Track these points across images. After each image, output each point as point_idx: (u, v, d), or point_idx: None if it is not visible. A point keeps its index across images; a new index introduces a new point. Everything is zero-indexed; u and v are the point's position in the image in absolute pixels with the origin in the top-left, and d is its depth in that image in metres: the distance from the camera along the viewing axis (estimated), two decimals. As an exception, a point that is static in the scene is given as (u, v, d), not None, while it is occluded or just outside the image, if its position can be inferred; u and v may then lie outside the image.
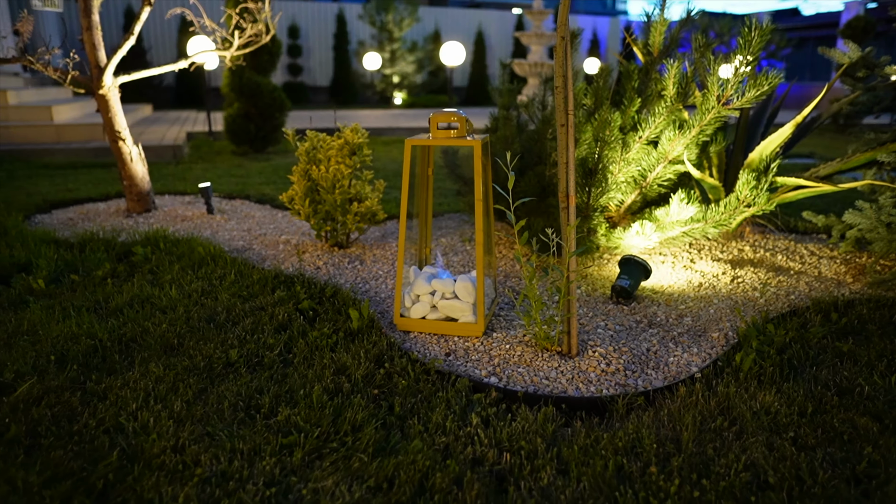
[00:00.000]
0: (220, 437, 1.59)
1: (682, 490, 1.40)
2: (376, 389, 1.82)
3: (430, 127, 2.16)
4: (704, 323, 2.41)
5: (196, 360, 1.99)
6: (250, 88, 6.34)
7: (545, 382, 1.89)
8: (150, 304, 2.41)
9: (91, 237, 3.17)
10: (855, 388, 1.92)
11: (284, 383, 1.85)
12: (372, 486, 1.41)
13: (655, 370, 2.01)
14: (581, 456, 1.50)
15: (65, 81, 3.36)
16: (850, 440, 1.65)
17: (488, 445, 1.55)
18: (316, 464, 1.50)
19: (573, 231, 1.95)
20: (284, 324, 2.25)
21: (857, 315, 2.45)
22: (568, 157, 1.91)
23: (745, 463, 1.51)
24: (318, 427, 1.62)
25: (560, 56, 1.84)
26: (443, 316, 2.23)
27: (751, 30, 2.66)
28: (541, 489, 1.41)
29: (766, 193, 2.84)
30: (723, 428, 1.66)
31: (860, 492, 1.45)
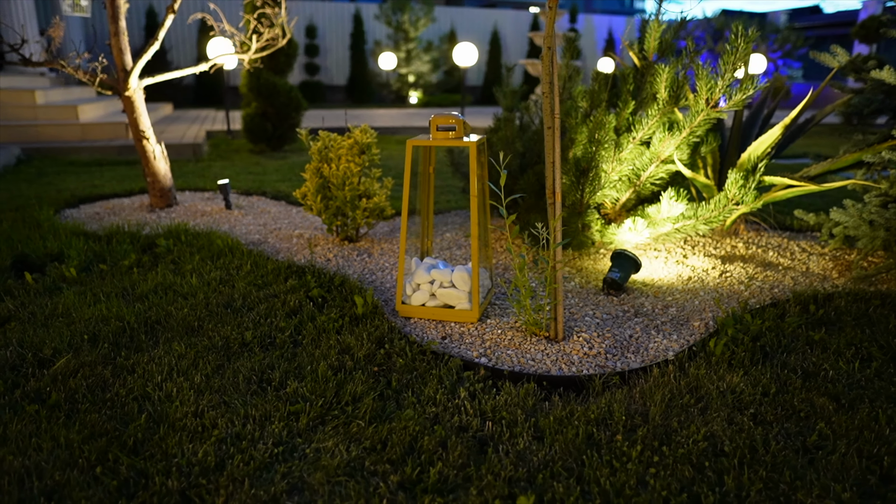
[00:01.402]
0: (235, 405, 1.78)
1: (644, 455, 1.57)
2: (376, 367, 2.01)
3: (431, 129, 2.34)
4: (688, 313, 2.57)
5: (214, 340, 2.19)
6: (267, 88, 6.57)
7: (531, 363, 2.06)
8: (173, 290, 2.62)
9: (117, 230, 3.39)
10: (820, 372, 2.07)
11: (294, 361, 2.05)
12: (367, 447, 1.60)
13: (635, 354, 2.17)
14: (556, 425, 1.68)
15: (93, 84, 3.59)
16: (806, 417, 1.80)
17: (473, 415, 1.73)
18: (319, 428, 1.69)
19: (559, 225, 2.12)
20: (295, 309, 2.45)
21: (834, 307, 2.59)
22: (554, 157, 2.08)
23: (704, 434, 1.67)
24: (322, 398, 1.81)
25: (546, 64, 2.00)
26: (441, 303, 2.40)
27: (737, 37, 2.81)
28: (517, 452, 1.58)
29: (753, 192, 2.98)
30: (689, 404, 1.82)
31: (807, 460, 1.61)
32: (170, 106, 10.78)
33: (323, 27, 14.96)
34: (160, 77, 3.89)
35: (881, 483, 1.54)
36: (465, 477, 1.49)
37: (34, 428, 1.66)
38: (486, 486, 1.44)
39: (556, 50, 2.00)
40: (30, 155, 5.83)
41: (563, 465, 1.53)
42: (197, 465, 1.52)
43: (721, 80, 2.87)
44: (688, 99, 3.00)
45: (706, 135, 3.21)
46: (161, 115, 9.49)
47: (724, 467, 1.55)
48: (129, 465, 1.52)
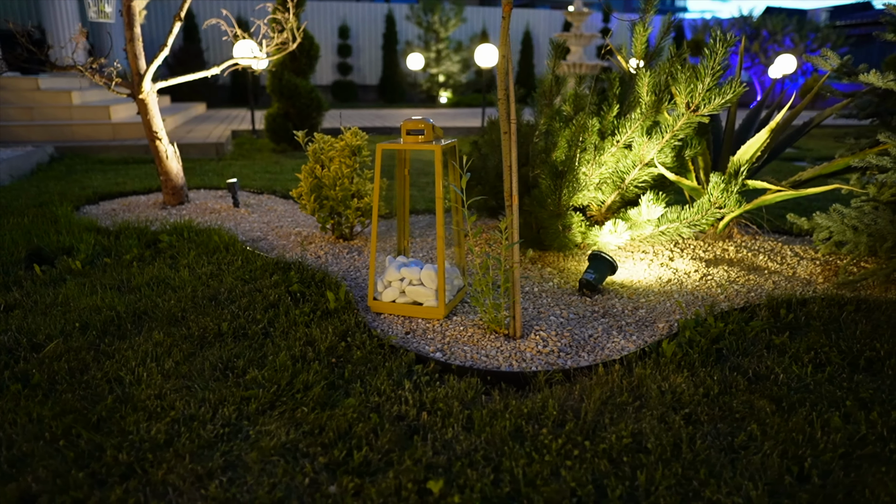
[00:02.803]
0: (196, 389, 1.93)
1: (564, 448, 1.64)
2: (334, 359, 2.12)
3: (402, 133, 2.44)
4: (657, 315, 2.60)
5: (193, 330, 2.34)
6: (289, 89, 6.78)
7: (483, 359, 2.15)
8: (166, 283, 2.80)
9: (127, 226, 3.60)
10: (770, 375, 2.09)
11: (260, 350, 2.18)
12: (306, 431, 1.72)
13: (590, 353, 2.23)
14: (487, 417, 1.76)
15: (110, 87, 3.81)
16: (741, 418, 1.84)
17: (412, 406, 1.83)
18: (268, 413, 1.81)
19: (515, 226, 2.20)
20: (274, 303, 2.59)
21: (805, 312, 2.59)
22: (511, 161, 2.15)
23: (631, 431, 1.73)
24: (276, 385, 1.93)
25: (502, 72, 2.08)
26: (410, 300, 2.51)
27: (716, 41, 2.82)
28: (444, 441, 1.67)
29: (736, 196, 2.99)
30: (626, 403, 1.88)
31: (728, 459, 1.65)
32: (203, 106, 11.17)
33: (356, 27, 15.23)
34: (172, 81, 4.10)
35: (797, 483, 1.58)
36: (388, 462, 1.59)
37: (13, 405, 1.83)
38: (403, 471, 1.54)
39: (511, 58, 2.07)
40: (63, 153, 6.18)
41: (483, 455, 1.61)
42: (148, 442, 1.66)
43: (701, 84, 2.88)
44: (672, 102, 3.03)
45: (691, 138, 3.22)
46: (192, 115, 9.85)
47: (641, 463, 1.61)
48: (89, 439, 1.67)
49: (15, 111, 6.63)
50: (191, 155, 6.50)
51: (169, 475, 1.54)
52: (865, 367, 2.18)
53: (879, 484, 1.57)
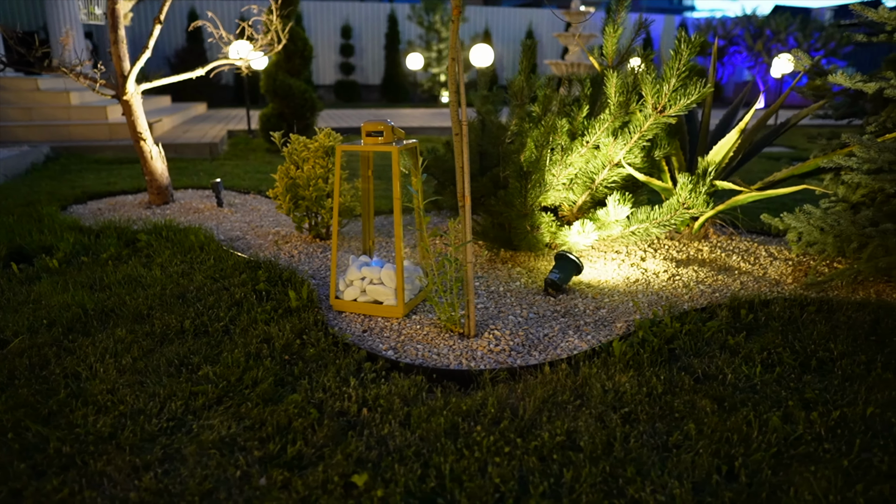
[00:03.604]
0: (148, 385, 1.97)
1: (496, 445, 1.67)
2: (287, 355, 2.17)
3: (362, 134, 2.48)
4: (618, 315, 2.62)
5: (156, 327, 2.39)
6: (283, 90, 6.84)
7: (434, 357, 2.18)
8: (137, 282, 2.85)
9: (108, 225, 3.67)
10: (719, 375, 2.11)
11: (217, 347, 2.23)
12: (247, 426, 1.76)
13: (542, 352, 2.26)
14: (425, 414, 1.79)
15: (94, 89, 3.88)
16: (681, 418, 1.86)
17: (355, 402, 1.87)
18: (214, 408, 1.86)
19: (468, 225, 2.23)
20: (239, 301, 2.63)
21: (766, 313, 2.60)
22: (463, 162, 2.18)
23: (566, 429, 1.76)
24: (226, 381, 1.98)
25: (452, 74, 2.11)
26: (371, 299, 2.54)
27: (681, 42, 2.84)
28: (380, 436, 1.71)
29: (704, 196, 3.00)
30: (567, 401, 1.91)
31: (660, 458, 1.67)
32: (203, 106, 11.28)
33: (358, 27, 15.30)
34: (157, 82, 4.16)
35: (724, 481, 1.60)
36: (320, 456, 1.63)
37: (-31, 398, 1.89)
38: (333, 465, 1.57)
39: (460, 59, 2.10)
40: (59, 153, 6.27)
41: (415, 451, 1.65)
42: (93, 435, 1.71)
43: (667, 85, 2.90)
44: (641, 103, 3.04)
45: (662, 139, 3.24)
46: (192, 115, 9.95)
47: (571, 461, 1.63)
48: (37, 432, 1.72)
49: (14, 111, 6.75)
50: (185, 155, 6.58)
51: (107, 467, 1.59)
52: (816, 368, 2.19)
53: (805, 483, 1.59)
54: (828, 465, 1.67)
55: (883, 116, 2.96)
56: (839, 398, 1.99)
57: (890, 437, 1.80)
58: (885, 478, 1.63)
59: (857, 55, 13.71)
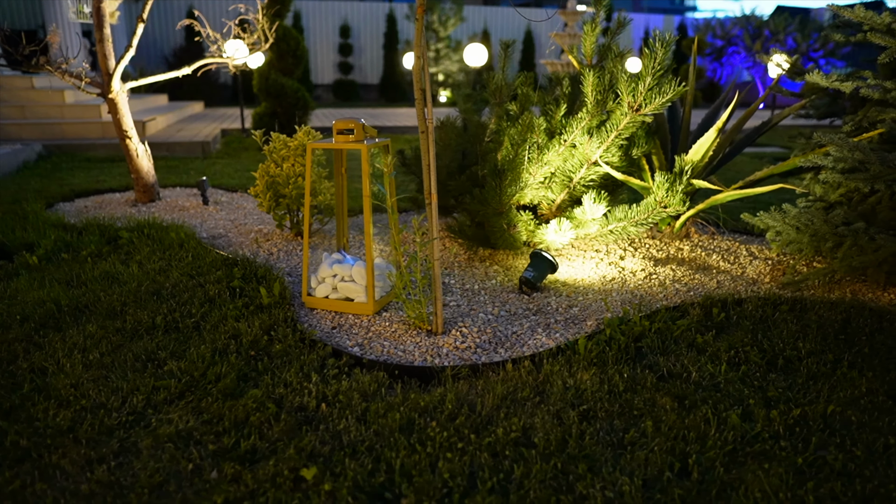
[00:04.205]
0: (112, 379, 1.99)
1: (449, 440, 1.68)
2: (254, 351, 2.18)
3: (333, 132, 2.49)
4: (590, 313, 2.63)
5: (127, 323, 2.41)
6: (276, 89, 6.86)
7: (400, 353, 2.19)
8: (115, 278, 2.87)
9: (91, 223, 3.69)
10: (683, 373, 2.11)
11: (186, 343, 2.24)
12: (206, 420, 1.77)
13: (508, 350, 2.27)
14: (382, 410, 1.80)
15: (80, 87, 3.90)
16: (639, 415, 1.86)
17: (314, 397, 1.88)
18: (175, 402, 1.87)
19: (435, 223, 2.24)
20: (212, 298, 2.65)
21: (739, 311, 2.60)
22: (429, 159, 2.19)
23: (522, 426, 1.77)
24: (190, 376, 1.99)
25: (417, 72, 2.12)
26: (342, 296, 2.56)
27: (655, 41, 2.84)
28: (335, 431, 1.72)
29: (680, 195, 3.00)
30: (527, 398, 1.91)
31: (614, 455, 1.68)
32: (200, 104, 11.30)
33: (357, 27, 15.32)
34: (143, 80, 4.19)
35: (676, 478, 1.61)
36: (273, 450, 1.64)
37: (-66, 391, 1.91)
38: (285, 459, 1.59)
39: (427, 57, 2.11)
40: (51, 151, 6.31)
41: (368, 446, 1.66)
42: (51, 428, 1.72)
43: (642, 83, 2.90)
44: (618, 102, 3.04)
45: (640, 138, 3.24)
46: (188, 114, 9.98)
47: (523, 457, 1.64)
48: (-4, 425, 1.74)
49: (8, 109, 6.78)
50: (177, 153, 6.60)
51: (62, 460, 1.60)
52: (783, 367, 2.19)
53: (757, 481, 1.60)
54: (782, 462, 1.67)
55: (859, 116, 2.96)
56: (801, 396, 2.00)
57: (847, 434, 1.80)
58: (837, 475, 1.64)
59: (856, 55, 13.67)
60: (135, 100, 8.60)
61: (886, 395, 2.01)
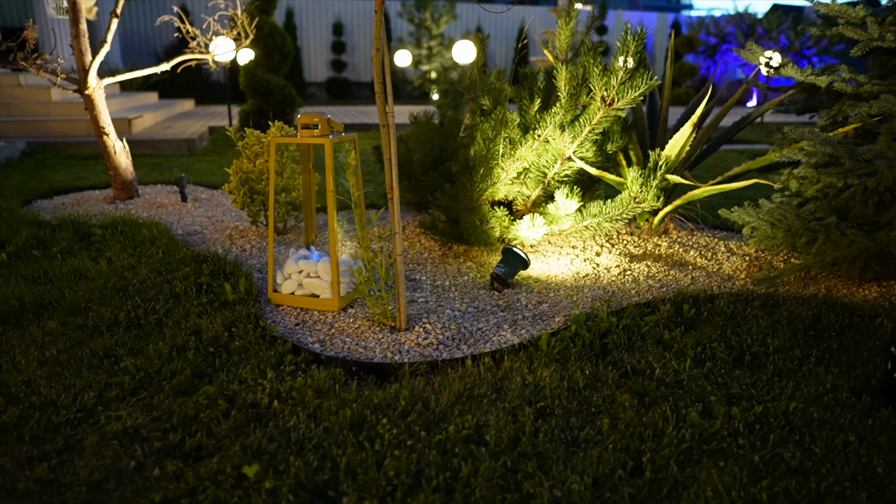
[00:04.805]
0: (66, 376, 1.96)
1: (398, 438, 1.65)
2: (212, 347, 2.15)
3: (298, 127, 2.47)
4: (559, 309, 2.60)
5: (90, 319, 2.38)
6: (262, 86, 6.83)
7: (360, 350, 2.16)
8: (83, 275, 2.84)
9: (66, 220, 3.65)
10: (647, 370, 2.09)
11: (146, 340, 2.21)
12: (155, 417, 1.74)
13: (471, 346, 2.24)
14: (334, 407, 1.78)
15: (55, 83, 3.87)
16: (597, 412, 1.84)
17: (268, 394, 1.85)
18: (128, 399, 1.84)
19: (396, 217, 2.21)
20: (178, 294, 2.62)
21: (710, 308, 2.58)
22: (391, 154, 2.17)
23: (476, 423, 1.74)
24: (145, 372, 1.96)
25: (377, 66, 2.09)
26: (308, 292, 2.53)
27: (628, 33, 2.81)
28: (284, 428, 1.69)
29: (655, 191, 2.98)
30: (483, 395, 1.89)
31: (566, 452, 1.65)
32: (191, 102, 11.26)
33: (350, 24, 15.27)
34: (120, 77, 4.15)
35: (628, 477, 1.58)
36: (219, 447, 1.61)
37: None
38: (229, 456, 1.56)
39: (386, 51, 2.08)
40: (35, 149, 6.27)
41: (316, 443, 1.63)
42: (-3, 426, 1.70)
43: (615, 78, 2.88)
44: (591, 96, 3.01)
45: (615, 133, 3.21)
46: (177, 111, 9.95)
47: (472, 455, 1.62)
48: (-59, 423, 1.71)
49: (-6, 107, 6.76)
50: (162, 151, 6.57)
51: (2, 458, 1.57)
52: (749, 363, 2.17)
53: (709, 479, 1.57)
54: (738, 460, 1.65)
55: (834, 110, 2.94)
56: (765, 393, 1.97)
57: (807, 432, 1.78)
58: (792, 473, 1.61)
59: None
60: (123, 97, 8.56)
61: (851, 391, 1.99)
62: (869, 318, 2.51)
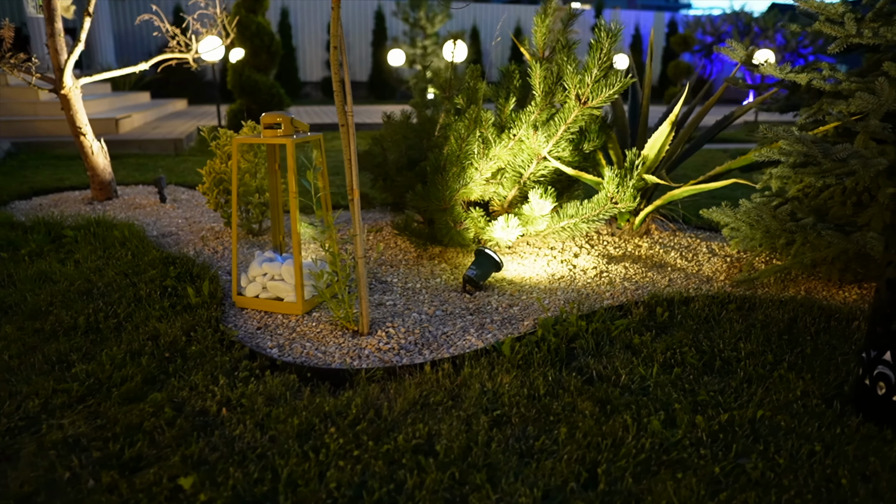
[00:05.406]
0: (14, 383, 1.91)
1: (345, 448, 1.60)
2: (168, 353, 2.10)
3: (261, 127, 2.41)
4: (529, 312, 2.55)
5: (48, 324, 2.33)
6: (249, 86, 6.78)
7: (319, 355, 2.11)
8: (48, 277, 2.79)
9: (40, 221, 3.61)
10: (612, 376, 2.03)
11: (103, 345, 2.16)
12: (99, 425, 1.69)
13: (434, 351, 2.18)
14: (284, 415, 1.72)
15: (30, 83, 3.82)
16: (556, 421, 1.79)
17: (217, 402, 1.80)
18: (74, 406, 1.79)
19: (357, 218, 2.16)
20: (142, 297, 2.57)
21: (684, 311, 2.52)
22: (350, 153, 2.11)
23: (427, 432, 1.69)
24: (95, 379, 1.91)
25: (335, 63, 2.04)
26: (273, 296, 2.48)
27: (600, 30, 2.76)
28: (230, 437, 1.64)
29: (631, 191, 2.92)
30: (439, 402, 1.84)
31: (519, 463, 1.60)
32: (184, 102, 11.21)
33: (346, 24, 15.21)
34: (97, 77, 4.11)
35: (581, 489, 1.53)
36: (160, 457, 1.56)
37: None
38: (168, 466, 1.51)
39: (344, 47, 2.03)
40: (20, 149, 6.23)
41: (260, 453, 1.58)
42: (-67, 436, 1.65)
43: (589, 76, 2.82)
44: (566, 95, 2.96)
45: (592, 132, 3.15)
46: (169, 111, 9.90)
47: (420, 465, 1.56)
48: None
49: (-21, 107, 6.71)
50: (149, 151, 6.52)
51: (-67, 469, 1.52)
52: (720, 369, 2.11)
53: (665, 492, 1.52)
54: (698, 471, 1.59)
55: (814, 109, 2.88)
56: (733, 401, 1.92)
57: (773, 441, 1.72)
58: (753, 485, 1.56)
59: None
60: (114, 97, 8.52)
61: (822, 398, 1.94)
62: (846, 321, 2.45)
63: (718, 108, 12.30)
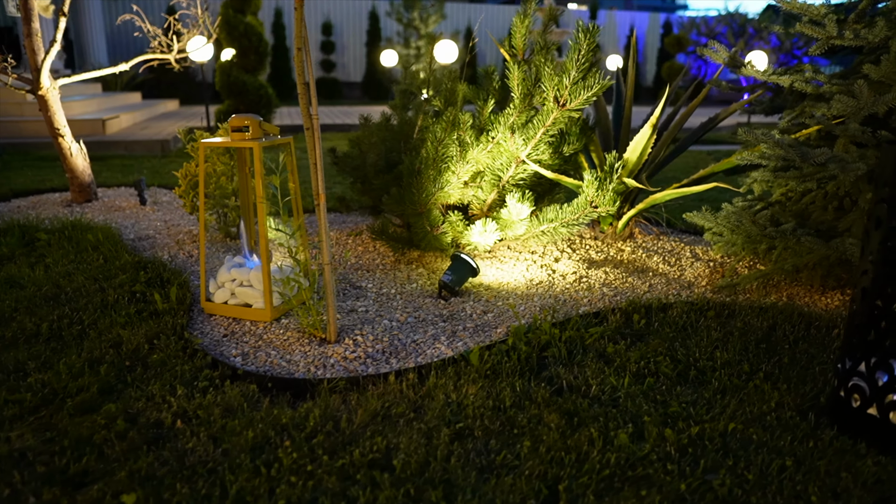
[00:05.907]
0: (-35, 394, 1.86)
1: (298, 462, 1.55)
2: (129, 361, 2.05)
3: (229, 130, 2.36)
4: (504, 319, 2.50)
5: (9, 331, 2.27)
6: (237, 86, 6.73)
7: (283, 364, 2.06)
8: (17, 282, 2.74)
9: (14, 224, 3.55)
10: (582, 386, 1.98)
11: (63, 353, 2.11)
12: (47, 439, 1.64)
13: (402, 360, 2.14)
14: (239, 427, 1.67)
15: (6, 83, 3.77)
16: (520, 434, 1.73)
17: (173, 413, 1.75)
18: (25, 418, 1.74)
19: (323, 224, 2.11)
20: (110, 303, 2.52)
21: (661, 318, 2.47)
22: (316, 157, 2.06)
23: (387, 446, 1.64)
24: (50, 388, 1.86)
25: (299, 64, 1.99)
26: (241, 302, 2.43)
27: (579, 31, 2.71)
28: (182, 450, 1.59)
29: (611, 195, 2.88)
30: (402, 414, 1.79)
31: (478, 479, 1.55)
32: (175, 102, 11.16)
33: (339, 24, 15.18)
34: (76, 77, 4.05)
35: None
36: (107, 471, 1.51)
37: None
38: (114, 482, 1.46)
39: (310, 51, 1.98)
40: (5, 149, 6.17)
41: (210, 468, 1.53)
42: None
43: (567, 78, 2.78)
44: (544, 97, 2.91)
45: (573, 135, 3.11)
46: (160, 112, 9.85)
47: (374, 481, 1.51)
48: None
49: (-35, 108, 6.66)
50: (135, 152, 6.47)
51: None
52: (694, 379, 2.07)
53: (627, 507, 1.47)
54: (662, 488, 1.55)
55: (797, 111, 2.83)
56: (705, 413, 1.87)
57: (743, 455, 1.67)
58: (719, 503, 1.51)
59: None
60: (104, 98, 8.46)
61: (796, 410, 1.89)
62: (826, 328, 2.41)
63: (712, 110, 12.25)
